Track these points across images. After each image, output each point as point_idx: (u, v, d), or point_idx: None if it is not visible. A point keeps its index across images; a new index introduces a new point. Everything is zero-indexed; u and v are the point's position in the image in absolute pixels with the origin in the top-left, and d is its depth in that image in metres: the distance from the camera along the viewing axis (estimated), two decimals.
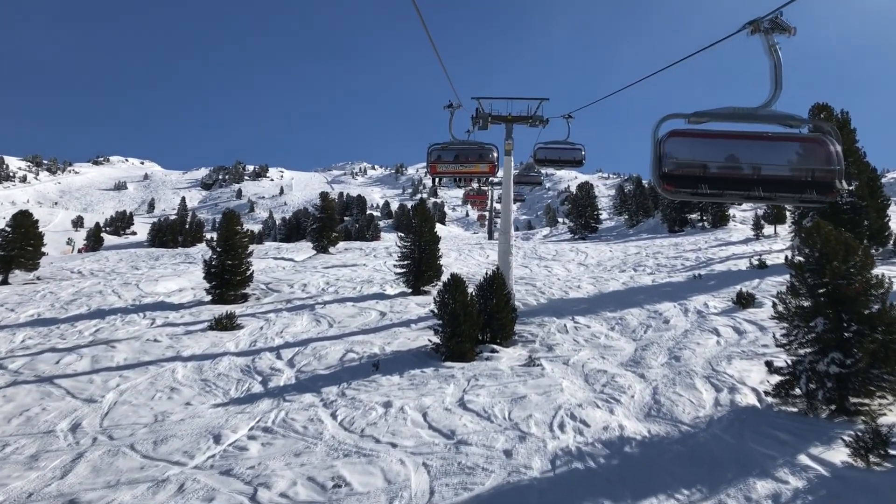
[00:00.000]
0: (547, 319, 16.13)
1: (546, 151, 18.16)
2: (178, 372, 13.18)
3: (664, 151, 6.37)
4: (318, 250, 36.50)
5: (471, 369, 12.55)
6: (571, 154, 18.15)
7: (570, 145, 18.40)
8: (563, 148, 18.20)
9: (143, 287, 23.19)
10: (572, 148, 18.23)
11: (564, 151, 18.12)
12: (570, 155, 18.16)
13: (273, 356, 14.18)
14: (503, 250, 17.53)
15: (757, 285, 18.15)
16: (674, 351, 13.24)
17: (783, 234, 31.14)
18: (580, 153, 18.20)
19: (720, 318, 15.29)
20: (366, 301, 19.47)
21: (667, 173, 6.34)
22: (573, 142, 18.38)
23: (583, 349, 13.76)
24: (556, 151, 18.10)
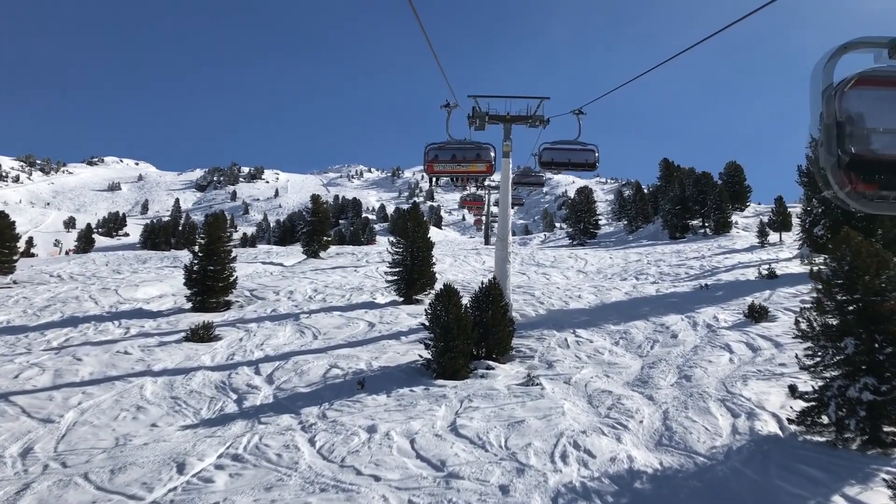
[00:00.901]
0: (546, 332, 15.15)
1: (553, 153, 15.66)
2: (146, 388, 12.15)
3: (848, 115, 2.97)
4: (308, 255, 35.40)
5: (464, 388, 11.55)
6: (583, 156, 15.51)
7: (581, 146, 15.88)
8: (574, 149, 15.71)
9: (122, 293, 22.12)
10: (584, 149, 15.66)
11: (575, 153, 15.62)
12: (581, 157, 15.54)
13: (251, 371, 13.15)
14: (500, 258, 16.53)
15: (768, 297, 17.20)
16: (684, 369, 12.27)
17: (788, 241, 30.24)
18: (593, 155, 15.56)
19: (731, 332, 14.33)
20: (354, 310, 18.44)
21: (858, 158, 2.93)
22: (584, 142, 15.87)
23: (585, 366, 12.78)
24: (565, 153, 15.64)
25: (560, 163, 15.94)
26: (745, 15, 6.77)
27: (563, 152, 15.83)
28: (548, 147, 15.99)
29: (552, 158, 15.88)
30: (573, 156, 15.80)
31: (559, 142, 16.05)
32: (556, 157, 15.89)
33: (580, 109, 16.70)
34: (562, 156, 15.77)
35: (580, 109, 16.70)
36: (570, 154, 15.75)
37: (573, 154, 15.78)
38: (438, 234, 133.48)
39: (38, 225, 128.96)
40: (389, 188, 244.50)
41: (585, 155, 15.82)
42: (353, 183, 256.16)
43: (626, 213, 52.51)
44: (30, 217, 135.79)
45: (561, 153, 15.78)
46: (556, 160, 15.92)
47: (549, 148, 15.92)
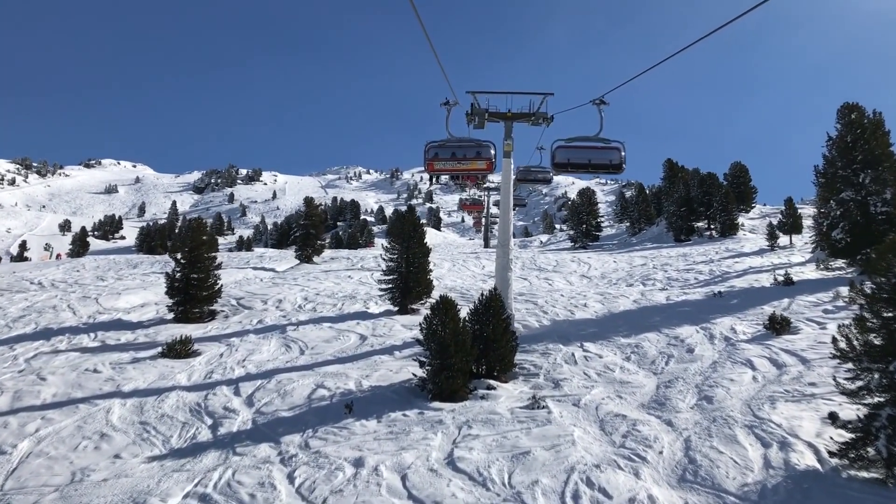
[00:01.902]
0: (552, 346, 14.03)
1: (569, 152, 13.22)
2: (113, 412, 11.04)
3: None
4: (301, 260, 34.27)
5: (463, 412, 10.44)
6: (606, 156, 12.99)
7: (603, 143, 13.43)
8: (594, 147, 13.20)
9: (103, 302, 20.99)
10: (606, 147, 13.14)
11: (596, 152, 13.07)
12: (603, 157, 13.04)
13: (230, 391, 12.03)
14: (501, 265, 15.40)
15: (787, 306, 16.11)
16: (703, 389, 11.17)
17: (799, 244, 29.18)
18: (618, 154, 13.03)
19: (752, 346, 13.23)
20: (345, 321, 17.30)
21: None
22: (607, 138, 13.39)
23: (595, 385, 11.67)
24: (584, 152, 13.10)
25: (578, 164, 13.78)
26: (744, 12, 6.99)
27: (581, 151, 13.49)
28: (562, 145, 13.72)
29: (568, 159, 13.70)
30: (594, 155, 13.41)
31: (577, 138, 13.66)
32: (572, 158, 13.64)
33: (601, 99, 14.19)
34: (580, 155, 13.51)
35: (601, 99, 14.19)
36: (591, 153, 13.36)
37: (594, 153, 13.37)
38: (437, 236, 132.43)
39: (33, 228, 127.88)
40: (388, 190, 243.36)
41: (609, 154, 13.45)
42: (351, 184, 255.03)
43: (628, 214, 51.45)
44: (25, 220, 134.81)
45: (579, 152, 13.45)
46: (573, 161, 13.73)
47: (565, 146, 13.63)
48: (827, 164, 20.17)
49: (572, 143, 13.79)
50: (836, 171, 19.57)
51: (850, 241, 18.84)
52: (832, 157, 19.94)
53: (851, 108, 19.50)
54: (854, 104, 19.58)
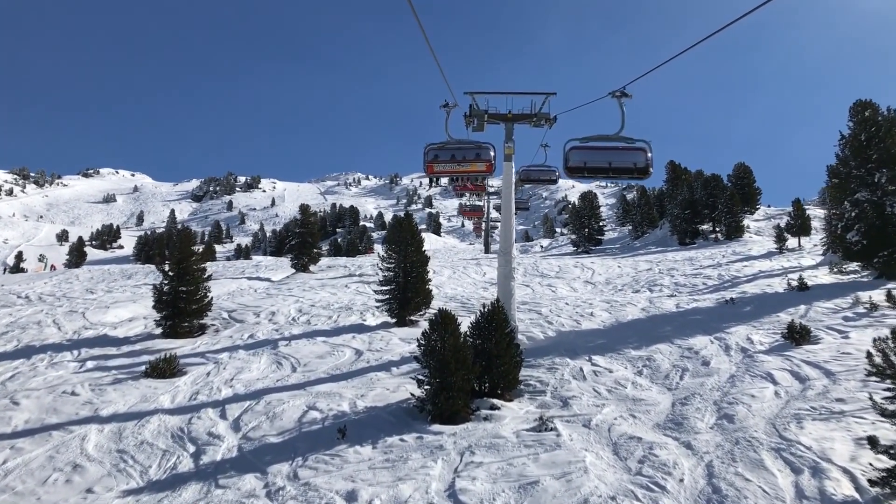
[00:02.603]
0: (558, 361, 13.25)
1: (586, 154, 11.41)
2: (89, 440, 10.28)
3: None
4: (297, 269, 33.46)
5: (465, 436, 9.66)
6: (629, 158, 11.22)
7: (625, 143, 11.64)
8: (615, 148, 11.38)
9: (90, 316, 20.22)
10: (630, 147, 11.43)
11: (618, 154, 11.25)
12: (626, 159, 11.26)
13: (216, 414, 11.26)
14: (503, 274, 14.65)
15: (804, 313, 15.33)
16: (722, 406, 10.38)
17: (809, 247, 28.41)
18: (644, 156, 11.28)
19: (771, 357, 12.44)
20: (340, 335, 16.52)
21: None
22: (630, 137, 11.61)
23: (606, 403, 10.89)
24: (604, 154, 11.25)
25: (596, 168, 11.90)
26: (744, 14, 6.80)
27: (600, 153, 11.49)
28: (577, 146, 11.85)
29: (585, 162, 11.87)
30: (616, 157, 11.42)
31: (594, 138, 11.73)
32: (590, 161, 11.75)
33: (623, 90, 12.29)
34: (599, 158, 11.52)
35: (623, 90, 12.29)
36: (611, 155, 11.36)
37: (615, 155, 11.38)
38: (437, 241, 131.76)
39: (30, 239, 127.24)
40: (388, 195, 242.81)
41: (633, 156, 11.56)
42: (350, 191, 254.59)
43: (630, 218, 50.69)
44: (22, 231, 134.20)
45: (598, 155, 11.45)
46: (590, 164, 11.86)
47: (580, 147, 11.69)
48: (840, 164, 19.41)
49: (589, 144, 11.85)
50: (850, 170, 18.81)
51: (865, 244, 18.07)
52: (845, 156, 19.19)
53: (865, 105, 18.76)
54: (867, 101, 18.84)
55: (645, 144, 12.11)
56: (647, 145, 12.11)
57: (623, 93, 12.36)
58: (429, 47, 9.25)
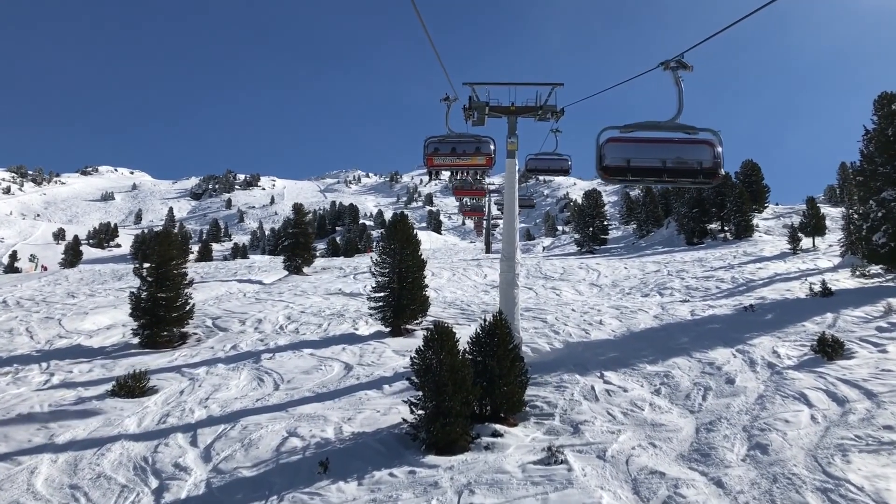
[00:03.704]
0: (567, 378, 12.04)
1: (631, 149, 9.04)
2: (39, 473, 9.11)
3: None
4: (290, 271, 32.24)
5: (463, 470, 8.48)
6: (691, 154, 8.99)
7: (686, 134, 9.37)
8: (670, 141, 9.17)
9: (67, 323, 19.07)
10: (692, 140, 9.24)
11: (675, 149, 9.03)
12: (689, 156, 9.00)
13: (186, 441, 10.08)
14: (506, 281, 13.48)
15: (833, 322, 14.14)
16: (753, 433, 9.18)
17: (823, 247, 27.19)
18: (710, 152, 9.01)
19: (802, 374, 11.23)
20: (329, 346, 15.31)
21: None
22: (691, 126, 9.32)
23: (622, 429, 9.69)
24: (656, 149, 9.01)
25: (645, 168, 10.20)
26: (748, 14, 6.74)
27: (651, 148, 9.74)
28: (617, 138, 9.93)
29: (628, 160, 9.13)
30: (672, 153, 9.78)
31: (641, 125, 9.51)
32: (636, 158, 10.17)
33: (679, 60, 10.18)
34: (649, 154, 9.68)
35: (679, 60, 10.18)
36: (666, 150, 9.65)
37: (672, 150, 9.67)
38: (438, 239, 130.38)
39: (26, 237, 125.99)
40: (388, 193, 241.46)
41: (695, 151, 9.88)
42: (350, 188, 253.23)
43: (635, 216, 49.46)
44: (19, 229, 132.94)
45: (648, 150, 9.69)
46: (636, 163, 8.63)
47: (621, 140, 9.67)
48: (864, 161, 18.18)
49: (633, 135, 9.13)
50: (876, 167, 17.58)
51: (894, 246, 16.85)
52: (870, 152, 17.95)
53: (891, 97, 17.49)
54: (894, 94, 17.59)
55: (712, 135, 9.35)
56: (715, 136, 9.35)
57: (680, 63, 9.46)
58: (428, 38, 8.91)
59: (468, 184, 43.68)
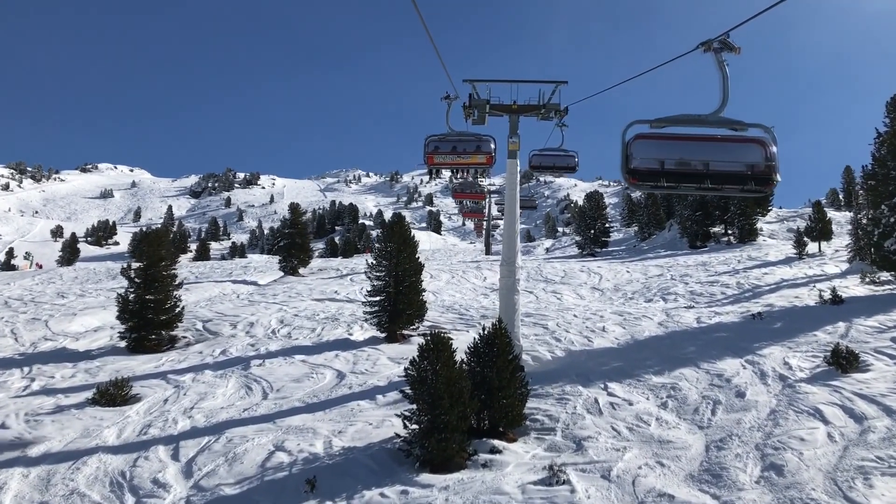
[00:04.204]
0: (569, 389, 11.51)
1: (666, 148, 7.57)
2: (8, 489, 8.60)
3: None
4: (285, 272, 31.68)
5: (459, 490, 7.96)
6: (741, 155, 7.54)
7: (733, 131, 7.88)
8: (716, 138, 7.67)
9: (54, 325, 18.54)
10: (739, 138, 7.74)
11: (722, 149, 7.58)
12: (736, 157, 7.52)
13: (167, 454, 9.55)
14: (506, 286, 12.99)
15: (845, 332, 13.61)
16: (767, 452, 8.66)
17: (830, 252, 26.67)
18: (762, 154, 7.52)
19: (816, 388, 10.71)
20: (322, 352, 14.76)
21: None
22: (738, 120, 7.84)
23: (628, 446, 9.17)
24: (699, 148, 7.56)
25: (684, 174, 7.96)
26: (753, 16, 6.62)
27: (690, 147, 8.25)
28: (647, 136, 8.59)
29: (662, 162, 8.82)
30: (717, 154, 8.35)
31: (675, 120, 8.01)
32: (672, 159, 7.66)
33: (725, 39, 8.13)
34: (689, 154, 8.15)
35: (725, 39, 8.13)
36: (709, 150, 8.14)
37: (716, 150, 8.17)
38: (437, 240, 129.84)
39: (24, 234, 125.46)
40: (388, 193, 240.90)
41: (745, 152, 8.41)
42: (350, 188, 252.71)
43: (636, 218, 48.92)
44: (17, 226, 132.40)
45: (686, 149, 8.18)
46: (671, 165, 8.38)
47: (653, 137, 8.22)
48: (876, 165, 17.65)
49: (668, 131, 7.62)
50: (888, 171, 17.05)
51: None
52: (882, 156, 17.43)
53: None
54: None
55: (764, 133, 7.72)
56: (767, 134, 7.69)
57: (725, 43, 7.80)
58: (427, 34, 8.72)
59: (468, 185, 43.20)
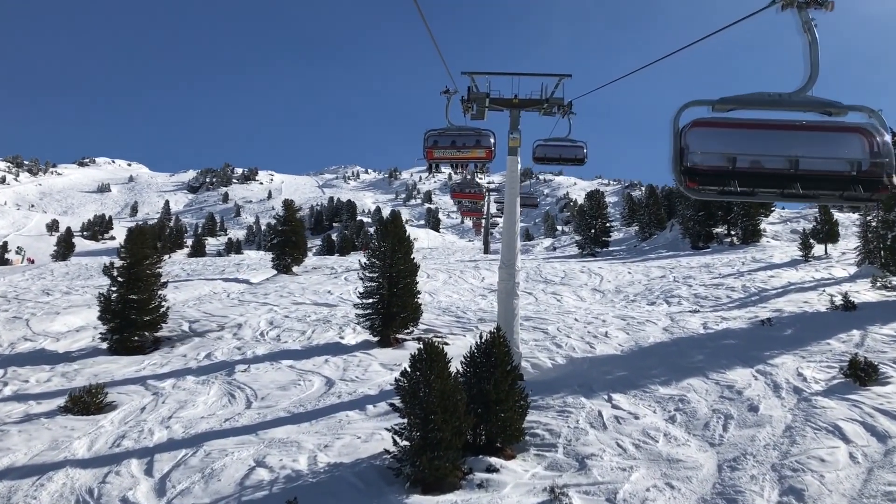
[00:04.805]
0: (571, 400, 10.85)
1: (732, 138, 5.45)
2: None
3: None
4: (278, 270, 30.98)
5: None
6: (835, 148, 5.42)
7: (826, 116, 5.71)
8: (802, 125, 5.60)
9: (35, 324, 17.86)
10: (833, 126, 5.60)
11: (811, 140, 5.50)
12: (830, 151, 5.41)
13: (140, 468, 8.89)
14: (505, 290, 12.34)
15: (860, 341, 12.97)
16: (784, 473, 8.02)
17: (836, 255, 26.05)
18: (863, 146, 5.37)
19: (833, 402, 10.06)
20: (311, 357, 14.09)
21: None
22: (833, 101, 5.69)
23: (635, 465, 8.52)
24: (781, 139, 5.49)
25: (762, 175, 7.75)
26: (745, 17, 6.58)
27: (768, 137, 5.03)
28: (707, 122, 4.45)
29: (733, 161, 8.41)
30: (806, 147, 6.91)
31: (746, 99, 5.86)
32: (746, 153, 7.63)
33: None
34: (766, 148, 5.65)
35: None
36: (794, 142, 6.37)
37: (803, 142, 6.40)
38: (436, 237, 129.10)
39: (20, 228, 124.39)
40: (387, 190, 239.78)
41: (841, 145, 7.17)
42: (349, 184, 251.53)
43: (637, 218, 48.25)
44: (12, 220, 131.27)
45: (762, 141, 5.78)
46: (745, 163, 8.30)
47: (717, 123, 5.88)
48: None
49: (732, 117, 5.69)
50: None
51: None
52: None
53: None
54: None
55: (870, 117, 5.77)
56: (875, 118, 5.70)
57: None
58: (428, 32, 8.54)
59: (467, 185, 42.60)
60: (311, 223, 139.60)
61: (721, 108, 5.70)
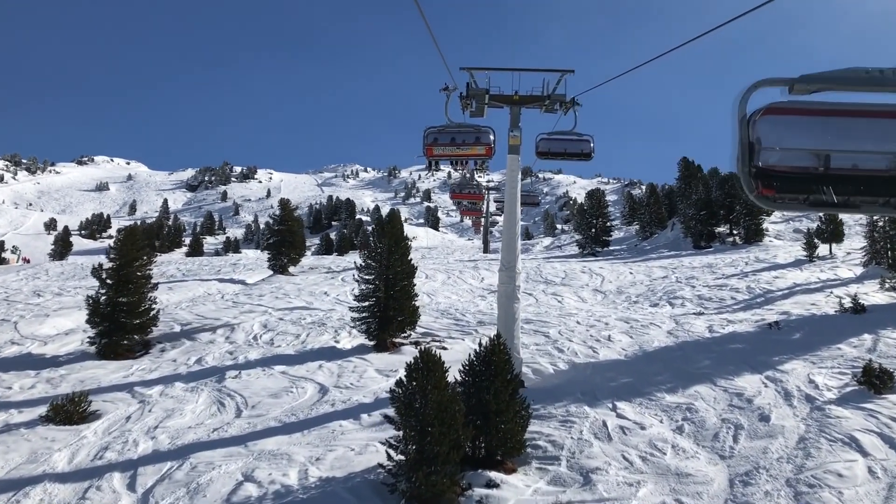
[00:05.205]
0: (574, 409, 10.43)
1: (818, 131, 3.32)
2: None
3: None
4: (274, 270, 30.54)
5: None
6: None
7: None
8: None
9: (23, 327, 17.44)
10: None
11: None
12: None
13: (122, 483, 8.47)
14: (505, 294, 11.91)
15: (873, 345, 12.56)
16: (800, 489, 7.62)
17: (841, 255, 25.63)
18: None
19: (848, 412, 9.65)
20: (305, 362, 13.65)
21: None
22: None
23: (642, 480, 8.10)
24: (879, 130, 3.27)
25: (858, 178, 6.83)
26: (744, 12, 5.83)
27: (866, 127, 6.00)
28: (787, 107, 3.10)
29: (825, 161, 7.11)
30: None
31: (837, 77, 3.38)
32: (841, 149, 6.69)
33: None
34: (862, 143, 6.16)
35: None
36: None
37: None
38: (435, 236, 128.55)
39: (17, 227, 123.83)
40: (386, 188, 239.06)
41: None
42: (348, 183, 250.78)
43: (638, 217, 47.80)
44: (10, 218, 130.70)
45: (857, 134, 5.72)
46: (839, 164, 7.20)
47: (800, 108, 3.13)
48: None
49: (816, 101, 3.49)
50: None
51: None
52: None
53: None
54: None
55: None
56: None
57: None
58: (428, 29, 8.32)
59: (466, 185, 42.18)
60: (309, 222, 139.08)
61: (802, 90, 3.87)
